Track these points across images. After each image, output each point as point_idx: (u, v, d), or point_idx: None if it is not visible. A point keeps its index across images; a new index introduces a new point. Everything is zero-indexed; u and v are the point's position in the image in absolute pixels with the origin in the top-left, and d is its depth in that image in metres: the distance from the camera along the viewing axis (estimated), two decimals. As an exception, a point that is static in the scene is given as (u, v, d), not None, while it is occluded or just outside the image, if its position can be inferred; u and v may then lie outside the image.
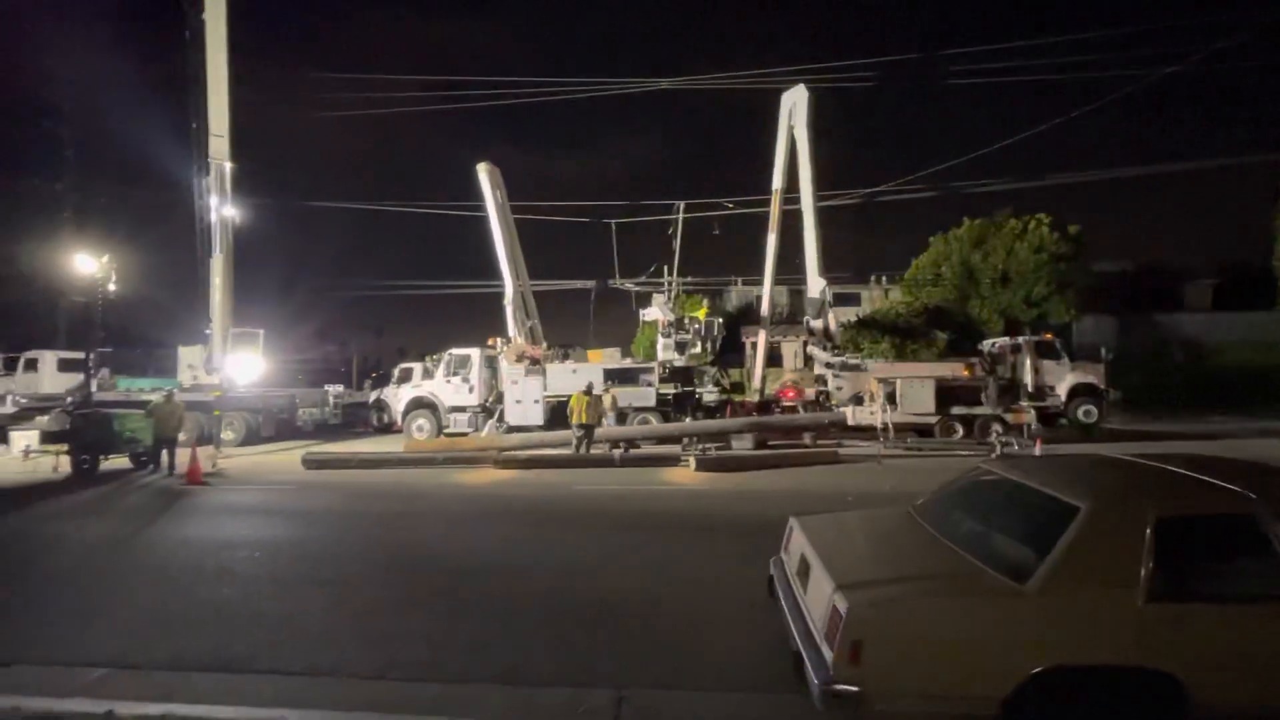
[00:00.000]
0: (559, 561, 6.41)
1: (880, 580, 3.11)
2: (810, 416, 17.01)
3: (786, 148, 20.97)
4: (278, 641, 4.54)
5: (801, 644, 3.19)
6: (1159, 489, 3.23)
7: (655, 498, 9.97)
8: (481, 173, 21.58)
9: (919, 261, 29.15)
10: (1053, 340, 17.83)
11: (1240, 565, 2.93)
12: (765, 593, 4.11)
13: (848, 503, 8.30)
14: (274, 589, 5.72)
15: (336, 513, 9.11)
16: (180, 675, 3.98)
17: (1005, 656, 2.82)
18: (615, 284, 28.12)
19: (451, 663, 4.15)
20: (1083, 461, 4.16)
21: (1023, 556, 3.04)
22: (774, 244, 21.63)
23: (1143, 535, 2.86)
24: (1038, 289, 25.12)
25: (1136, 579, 2.80)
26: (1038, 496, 3.33)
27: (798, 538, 3.93)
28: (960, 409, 16.03)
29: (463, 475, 12.45)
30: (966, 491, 3.98)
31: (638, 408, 17.06)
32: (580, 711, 3.47)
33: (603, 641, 4.42)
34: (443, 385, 18.74)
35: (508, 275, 21.52)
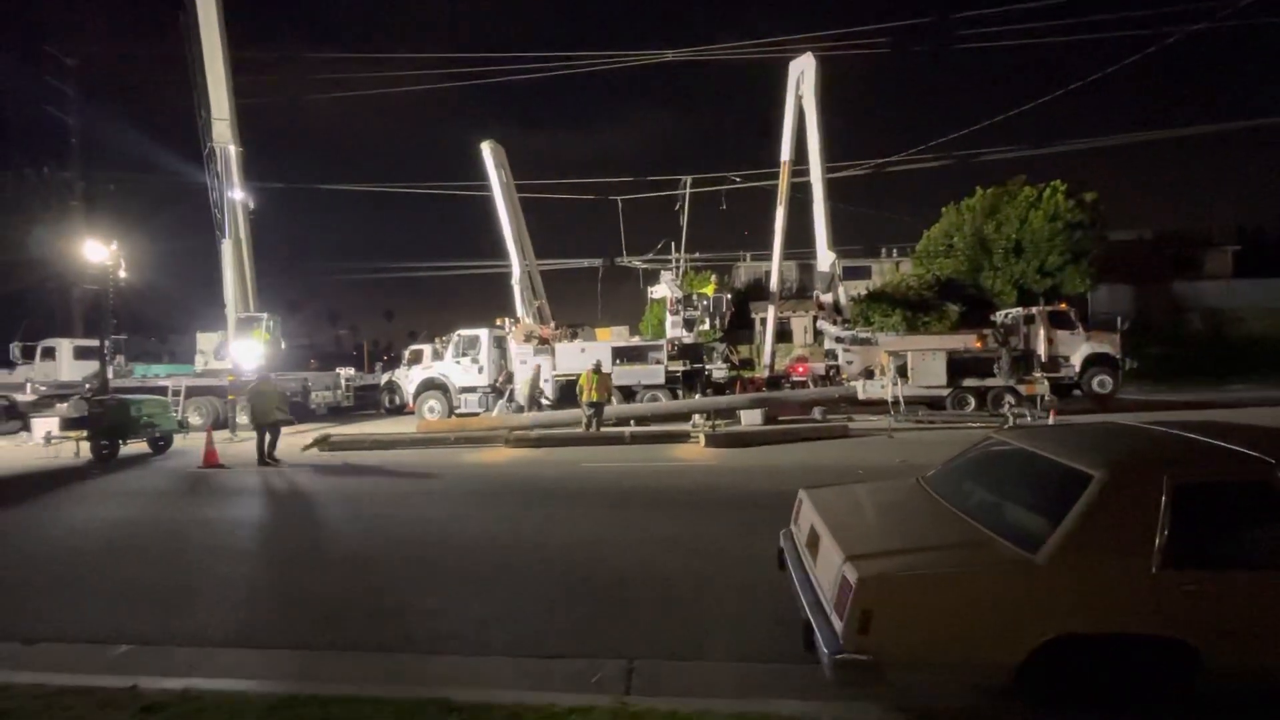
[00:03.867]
0: (569, 537, 6.46)
1: (889, 551, 3.09)
2: (820, 391, 16.95)
3: (794, 118, 20.60)
4: (296, 617, 4.63)
5: (811, 615, 3.20)
6: (1173, 456, 3.18)
7: (665, 474, 10.01)
8: (485, 151, 21.41)
9: (930, 233, 28.69)
10: (1067, 310, 17.56)
11: (1257, 532, 2.88)
12: (775, 565, 4.12)
13: (858, 476, 8.28)
14: (292, 567, 5.82)
15: (351, 493, 9.23)
16: (202, 651, 4.07)
17: (1017, 625, 2.81)
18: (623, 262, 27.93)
19: (465, 636, 4.21)
20: (1095, 430, 4.09)
21: (1035, 525, 3.01)
22: (782, 217, 21.38)
23: (1157, 502, 2.82)
24: (1052, 258, 24.67)
25: (1151, 547, 2.76)
26: (1050, 465, 3.29)
27: (807, 510, 3.92)
28: (972, 381, 15.89)
29: (474, 454, 12.55)
30: (978, 462, 3.94)
31: (647, 385, 17.07)
32: (592, 681, 3.51)
33: (613, 615, 4.46)
34: (452, 366, 18.85)
35: (514, 255, 21.46)
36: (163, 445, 13.66)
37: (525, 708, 3.15)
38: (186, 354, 22.34)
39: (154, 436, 13.40)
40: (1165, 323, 26.80)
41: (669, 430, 14.17)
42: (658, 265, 26.27)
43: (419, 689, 3.37)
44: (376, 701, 3.24)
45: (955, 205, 27.83)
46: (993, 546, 3.02)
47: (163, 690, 3.41)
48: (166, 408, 14.24)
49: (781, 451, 11.71)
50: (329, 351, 50.89)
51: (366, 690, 3.38)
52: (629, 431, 13.77)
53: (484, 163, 21.49)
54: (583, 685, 3.49)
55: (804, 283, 30.99)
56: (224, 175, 20.41)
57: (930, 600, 2.87)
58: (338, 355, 47.79)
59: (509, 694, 3.35)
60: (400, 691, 3.37)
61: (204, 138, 20.45)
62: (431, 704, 3.18)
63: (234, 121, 20.55)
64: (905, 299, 25.21)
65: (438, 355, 19.34)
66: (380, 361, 35.10)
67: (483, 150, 21.49)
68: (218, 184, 20.25)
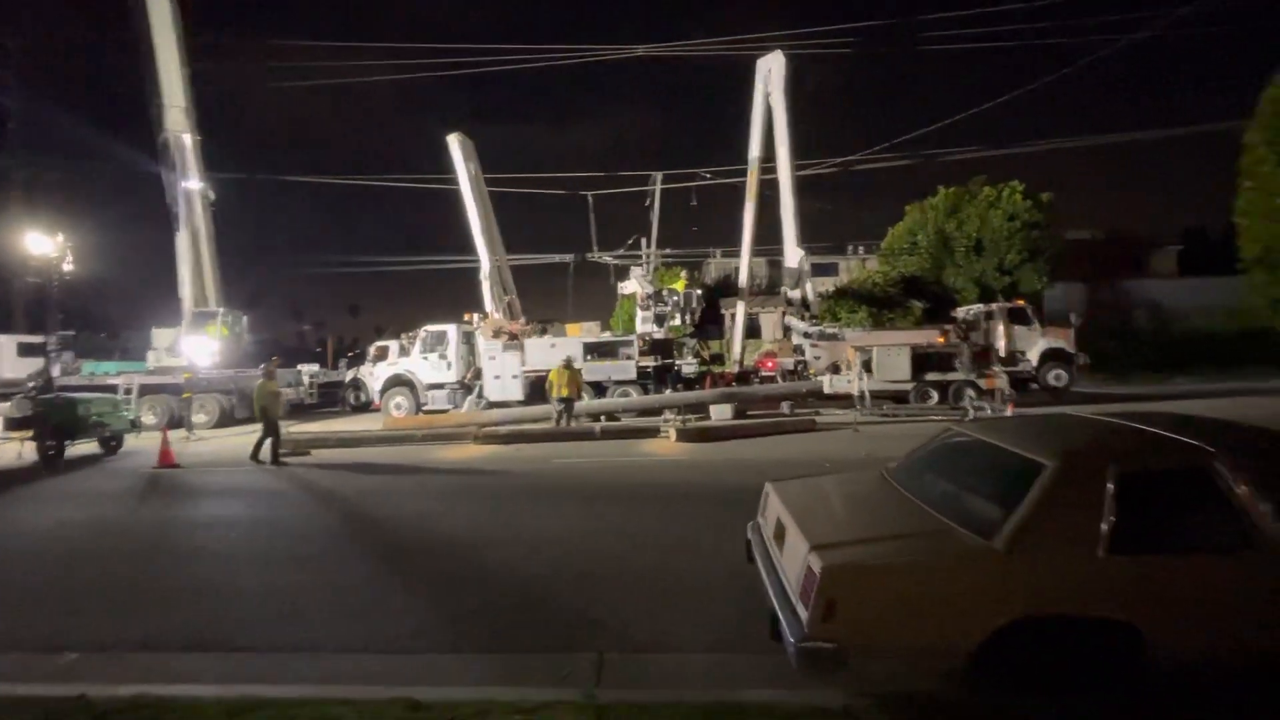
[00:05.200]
0: (538, 533, 6.43)
1: (853, 540, 3.16)
2: (788, 386, 17.18)
3: (763, 116, 20.77)
4: (255, 619, 4.51)
5: (778, 605, 3.25)
6: (1120, 446, 3.31)
7: (635, 469, 10.04)
8: (453, 144, 21.07)
9: (895, 230, 29.28)
10: (1024, 307, 18.14)
11: (1197, 517, 3.02)
12: (743, 557, 4.18)
13: (825, 469, 8.44)
14: (251, 568, 5.67)
15: (314, 491, 9.02)
16: (155, 656, 3.94)
17: (974, 610, 2.90)
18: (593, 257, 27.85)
19: (433, 635, 4.17)
20: (1049, 421, 4.24)
21: (991, 514, 3.11)
22: (752, 214, 21.57)
23: (1104, 490, 2.94)
24: (1011, 256, 25.42)
25: (1098, 532, 2.88)
26: (1005, 456, 3.40)
27: (774, 502, 3.98)
28: (935, 375, 16.30)
29: (442, 452, 12.39)
30: (938, 453, 4.05)
31: (617, 381, 17.07)
32: (562, 676, 3.51)
33: (583, 609, 4.46)
34: (419, 362, 18.55)
35: (483, 250, 21.20)
36: (114, 445, 13.13)
37: (493, 704, 3.13)
38: (140, 351, 21.50)
39: (104, 436, 12.88)
40: (1115, 319, 27.90)
41: (640, 425, 14.20)
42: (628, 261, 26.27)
43: (383, 688, 3.33)
44: (338, 702, 3.18)
45: (919, 204, 28.45)
46: (952, 535, 3.11)
47: (113, 698, 3.29)
48: (117, 406, 13.69)
49: (750, 445, 11.85)
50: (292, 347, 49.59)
51: (328, 691, 3.32)
52: (599, 427, 13.76)
53: (451, 155, 21.16)
54: (552, 680, 3.49)
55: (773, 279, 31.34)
56: (180, 164, 19.69)
57: (892, 588, 2.95)
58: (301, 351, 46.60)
59: (477, 691, 3.32)
60: (364, 692, 3.32)
61: (158, 125, 19.68)
62: (396, 703, 3.14)
63: (190, 108, 19.81)
64: (871, 295, 25.70)
65: (404, 351, 19.01)
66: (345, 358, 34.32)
67: (450, 143, 21.14)
68: (173, 174, 19.52)
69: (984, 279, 25.65)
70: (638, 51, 23.84)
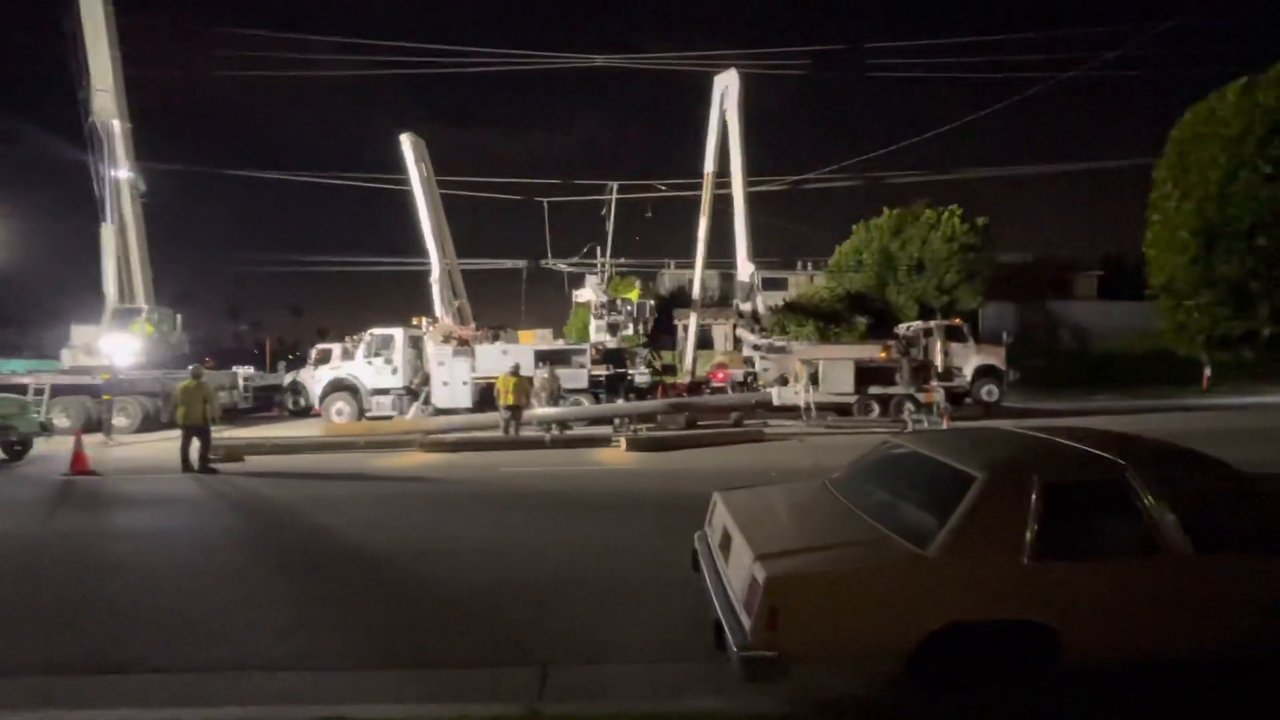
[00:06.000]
0: (483, 543, 6.30)
1: (796, 550, 3.23)
2: (738, 397, 17.44)
3: (718, 132, 21.16)
4: (173, 638, 4.23)
5: (722, 614, 3.28)
6: (1044, 459, 3.50)
7: (585, 478, 9.97)
8: (405, 144, 20.62)
9: (842, 249, 30.26)
10: (960, 325, 19.01)
11: (1110, 525, 3.22)
12: (690, 566, 4.20)
13: (771, 479, 8.58)
14: (171, 583, 5.33)
15: (246, 500, 8.58)
16: (58, 680, 3.65)
17: (909, 616, 3.00)
18: (547, 264, 27.68)
19: (368, 651, 4.01)
20: (980, 435, 4.46)
21: (926, 523, 3.24)
22: (705, 227, 21.88)
23: (1029, 501, 3.11)
24: (949, 276, 26.65)
25: (1023, 540, 3.04)
26: (940, 467, 3.54)
27: (720, 512, 4.03)
28: (877, 389, 16.87)
29: (385, 459, 12.00)
30: (878, 464, 4.19)
31: (570, 389, 16.95)
32: (504, 690, 3.44)
33: (529, 621, 4.39)
34: (364, 367, 17.95)
35: (434, 252, 20.76)
36: (20, 450, 12.15)
37: (431, 721, 3.04)
38: (55, 348, 20.01)
39: (9, 440, 11.91)
40: (1042, 338, 29.59)
41: (590, 434, 14.13)
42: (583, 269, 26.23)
43: (310, 708, 3.18)
44: (265, 724, 3.02)
45: (865, 223, 29.53)
46: (889, 543, 3.22)
47: (9, 725, 3.03)
48: (25, 407, 12.68)
49: (700, 455, 11.95)
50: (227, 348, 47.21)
51: (249, 712, 3.15)
52: (549, 435, 13.63)
53: (403, 156, 20.69)
54: (494, 695, 3.41)
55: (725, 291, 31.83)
56: (108, 152, 18.55)
57: (832, 596, 3.02)
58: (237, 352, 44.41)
59: (413, 708, 3.22)
60: (287, 712, 3.16)
61: (85, 109, 18.49)
62: (326, 723, 3.01)
63: (120, 93, 18.70)
64: (818, 310, 26.45)
65: (348, 355, 18.37)
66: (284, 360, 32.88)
67: (402, 143, 20.67)
68: (101, 162, 18.37)
69: (924, 297, 26.79)
70: (596, 61, 23.96)
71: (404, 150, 20.63)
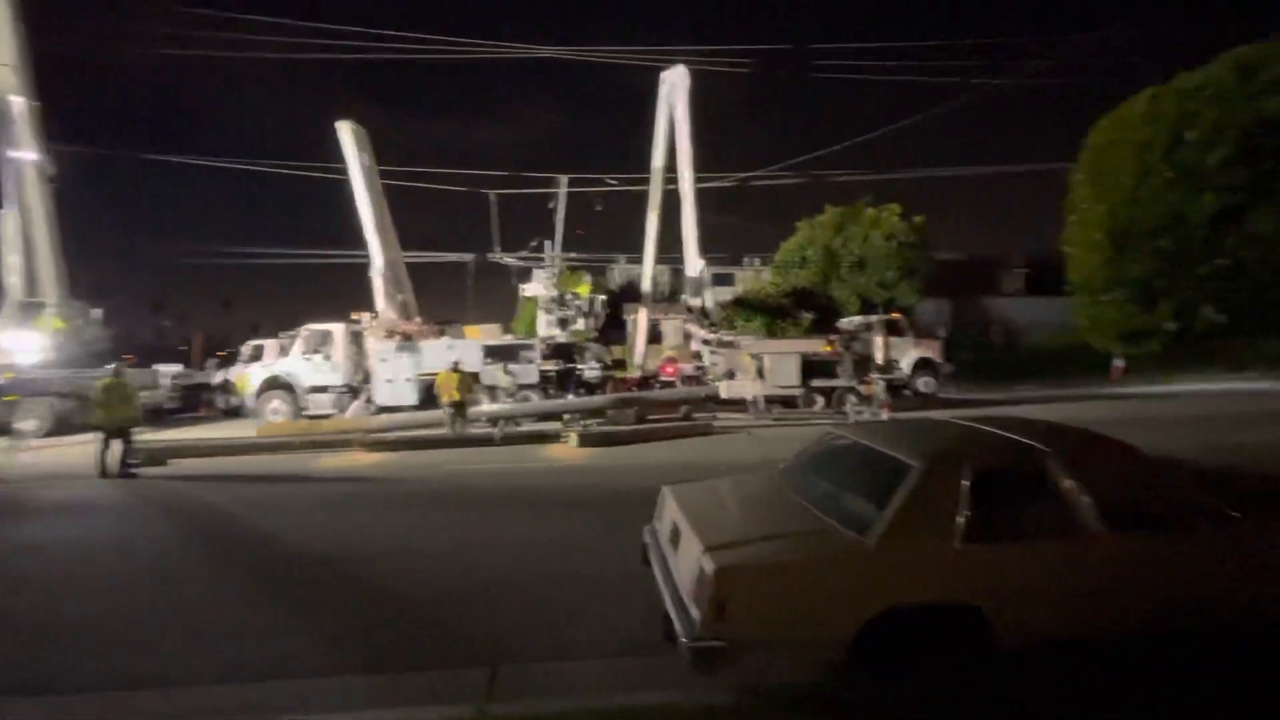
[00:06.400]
0: (428, 545, 6.16)
1: (742, 541, 3.29)
2: (687, 391, 17.61)
3: (666, 127, 21.22)
4: (92, 654, 3.97)
5: (671, 607, 3.32)
6: (974, 447, 3.69)
7: (534, 475, 9.88)
8: (343, 132, 19.79)
9: (787, 245, 30.93)
10: (899, 320, 19.77)
11: (1035, 509, 3.41)
12: (640, 561, 4.22)
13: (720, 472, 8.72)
14: (88, 595, 4.98)
15: (172, 506, 8.10)
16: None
17: (851, 602, 3.11)
18: (495, 258, 27.20)
19: (310, 658, 3.87)
20: (917, 425, 4.65)
21: (866, 511, 3.36)
22: (655, 223, 21.93)
23: (960, 488, 3.26)
24: (889, 273, 27.63)
25: (955, 525, 3.19)
26: (879, 457, 3.68)
27: (670, 506, 4.07)
28: (821, 381, 17.37)
29: (325, 460, 11.56)
30: (821, 455, 4.32)
31: (519, 385, 16.73)
32: (452, 691, 3.38)
33: (478, 622, 4.33)
34: (300, 363, 17.20)
35: (375, 245, 20.04)
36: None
37: (376, 728, 2.96)
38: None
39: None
40: (974, 332, 31.11)
41: (540, 430, 14.01)
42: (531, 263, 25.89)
43: (258, 717, 3.04)
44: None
45: (809, 221, 30.26)
46: (831, 533, 3.32)
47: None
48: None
49: (650, 450, 12.03)
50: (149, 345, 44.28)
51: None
52: (498, 432, 13.43)
53: (342, 144, 19.87)
54: (442, 697, 3.35)
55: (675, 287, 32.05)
56: (8, 132, 17.09)
57: (777, 586, 3.10)
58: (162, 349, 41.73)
59: (357, 715, 3.12)
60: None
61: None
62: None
63: (22, 67, 17.24)
64: (765, 305, 26.95)
65: (284, 351, 17.56)
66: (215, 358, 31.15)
67: (340, 130, 19.83)
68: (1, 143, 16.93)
69: (866, 293, 27.69)
70: (544, 52, 23.64)
71: (342, 139, 19.81)
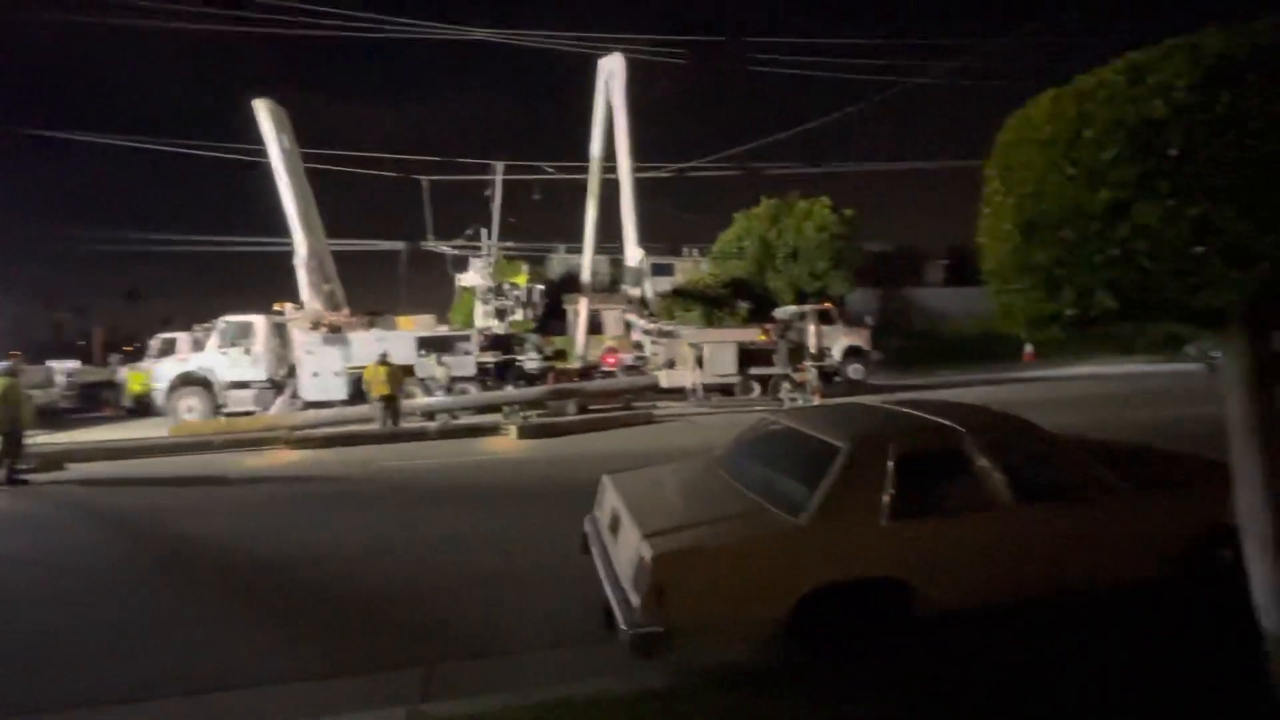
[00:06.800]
0: (360, 545, 5.94)
1: (680, 527, 3.34)
2: (628, 381, 17.67)
3: (604, 116, 21.07)
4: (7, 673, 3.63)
5: (612, 594, 3.34)
6: (896, 429, 3.87)
7: (472, 469, 9.69)
8: (261, 111, 18.59)
9: (724, 236, 31.41)
10: (831, 309, 20.50)
11: (952, 486, 3.62)
12: (580, 551, 4.22)
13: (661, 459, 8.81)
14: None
15: (74, 514, 7.48)
16: None
17: (785, 581, 3.22)
18: (429, 246, 26.28)
19: (241, 668, 3.67)
20: (846, 409, 4.84)
21: (798, 493, 3.47)
22: (593, 212, 21.80)
23: (885, 467, 3.42)
24: (820, 264, 28.53)
25: (880, 503, 3.35)
26: (810, 441, 3.81)
27: (609, 494, 4.08)
28: (757, 369, 17.82)
29: (247, 460, 10.94)
30: (756, 440, 4.43)
31: (456, 377, 16.32)
32: (386, 694, 3.28)
33: (413, 621, 4.21)
34: (218, 358, 16.16)
35: (299, 232, 18.98)
36: None
37: (303, 736, 2.84)
38: None
39: None
40: (900, 321, 32.65)
41: (478, 423, 13.73)
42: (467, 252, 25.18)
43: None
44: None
45: (745, 213, 30.83)
46: (765, 515, 3.42)
47: None
48: None
49: (591, 440, 12.01)
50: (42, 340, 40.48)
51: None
52: (434, 426, 13.07)
53: (260, 124, 18.66)
54: (374, 701, 3.25)
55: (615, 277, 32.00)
56: None
57: (714, 569, 3.16)
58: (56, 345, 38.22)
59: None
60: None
61: None
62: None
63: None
64: (704, 295, 27.30)
65: (198, 345, 16.45)
66: (118, 354, 28.83)
67: (257, 109, 18.60)
68: None
69: (799, 283, 28.50)
70: (475, 34, 22.92)
71: (260, 118, 18.60)
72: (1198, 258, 2.02)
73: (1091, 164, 2.19)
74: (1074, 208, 2.26)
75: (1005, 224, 2.60)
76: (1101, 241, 2.20)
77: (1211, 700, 2.82)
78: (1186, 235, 2.02)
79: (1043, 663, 3.20)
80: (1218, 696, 2.83)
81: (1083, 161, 2.22)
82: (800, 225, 28.73)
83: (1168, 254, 2.07)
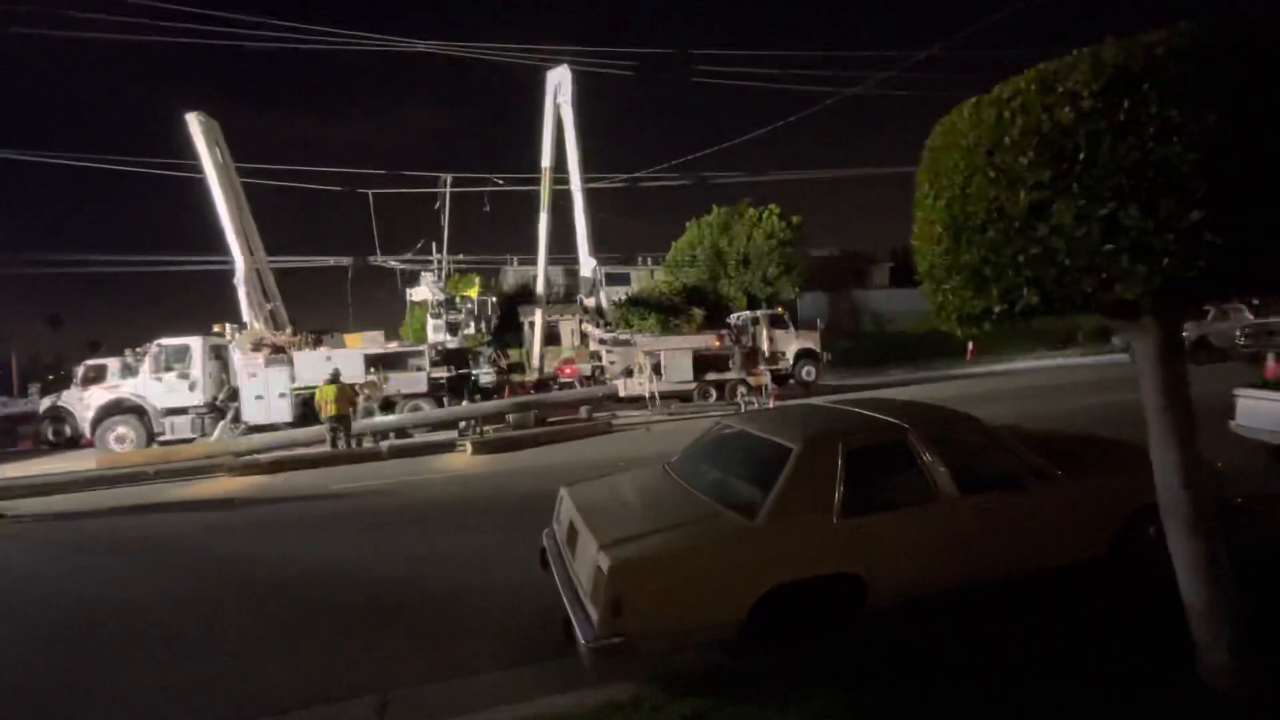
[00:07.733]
0: (311, 571, 5.71)
1: (636, 535, 3.33)
2: (585, 391, 17.60)
3: (554, 126, 21.06)
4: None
5: (570, 607, 3.30)
6: (845, 428, 3.97)
7: (428, 487, 9.45)
8: (193, 124, 17.85)
9: (678, 244, 31.77)
10: (783, 314, 20.93)
11: (899, 480, 3.73)
12: (538, 565, 4.16)
13: (620, 469, 8.79)
14: None
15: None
16: None
17: (741, 584, 3.24)
18: (377, 261, 25.61)
19: (173, 712, 3.46)
20: (798, 411, 4.94)
21: (753, 495, 3.51)
22: (546, 223, 21.70)
23: (835, 466, 3.50)
24: (771, 270, 29.17)
25: (832, 501, 3.42)
26: (763, 443, 3.87)
27: (567, 506, 4.04)
28: (713, 375, 18.01)
29: (187, 489, 10.39)
30: (711, 445, 4.47)
31: (408, 395, 15.91)
32: (338, 727, 3.15)
33: (365, 649, 4.06)
34: (151, 384, 15.33)
35: (237, 250, 18.27)
36: None
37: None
38: None
39: None
40: (848, 323, 33.59)
41: (433, 440, 13.41)
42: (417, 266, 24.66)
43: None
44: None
45: (697, 220, 31.25)
46: (721, 518, 3.45)
47: None
48: None
49: (550, 452, 11.88)
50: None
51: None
52: (386, 445, 12.70)
53: (193, 138, 17.90)
54: (326, 733, 3.12)
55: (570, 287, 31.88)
56: None
57: (671, 575, 3.17)
58: (-36, 377, 35.53)
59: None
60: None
61: None
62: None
63: None
64: (659, 304, 27.52)
65: (129, 371, 15.58)
66: (38, 383, 27.02)
67: (189, 122, 17.84)
68: None
69: (751, 289, 29.06)
70: (418, 46, 22.59)
71: (192, 132, 17.86)
72: (1108, 255, 2.16)
73: (1011, 168, 2.32)
74: (997, 209, 2.37)
75: (936, 226, 2.72)
76: (1023, 241, 2.32)
77: (1144, 666, 2.97)
78: (1097, 234, 2.16)
79: (991, 642, 3.31)
80: (1149, 663, 2.98)
81: (1003, 165, 2.34)
82: (750, 232, 29.32)
83: (1082, 251, 2.20)
